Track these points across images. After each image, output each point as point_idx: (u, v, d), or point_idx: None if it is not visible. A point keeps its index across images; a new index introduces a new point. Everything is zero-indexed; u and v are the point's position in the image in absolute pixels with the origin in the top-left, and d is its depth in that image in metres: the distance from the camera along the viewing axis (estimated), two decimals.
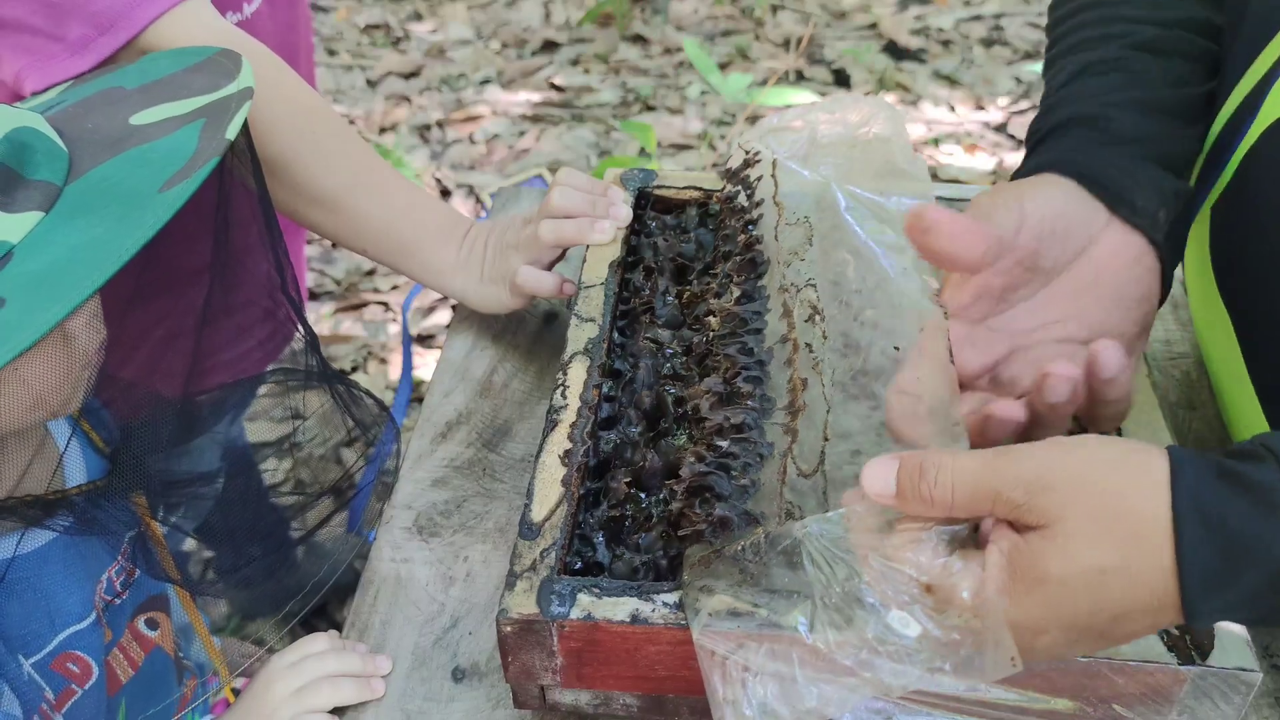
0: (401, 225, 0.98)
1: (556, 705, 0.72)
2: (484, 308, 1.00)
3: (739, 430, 0.73)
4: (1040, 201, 0.68)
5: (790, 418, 0.73)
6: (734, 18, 3.32)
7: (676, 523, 0.70)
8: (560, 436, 0.76)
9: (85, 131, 0.68)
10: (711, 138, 2.75)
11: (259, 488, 0.94)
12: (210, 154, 0.62)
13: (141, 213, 0.60)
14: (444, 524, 0.87)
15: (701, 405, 0.76)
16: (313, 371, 0.87)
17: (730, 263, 0.88)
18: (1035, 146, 0.76)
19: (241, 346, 0.89)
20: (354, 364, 2.21)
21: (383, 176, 0.98)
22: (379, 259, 1.01)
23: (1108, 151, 0.71)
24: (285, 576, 0.86)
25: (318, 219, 0.97)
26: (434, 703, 0.76)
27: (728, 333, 0.81)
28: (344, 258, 2.46)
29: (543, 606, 0.66)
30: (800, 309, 0.79)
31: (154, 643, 0.84)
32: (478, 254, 0.99)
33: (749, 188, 0.92)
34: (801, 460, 0.71)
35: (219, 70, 0.73)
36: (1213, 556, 0.49)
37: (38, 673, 0.75)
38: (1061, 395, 0.62)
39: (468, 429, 0.95)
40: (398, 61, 3.15)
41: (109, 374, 0.77)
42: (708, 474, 0.70)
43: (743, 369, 0.78)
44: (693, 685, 0.68)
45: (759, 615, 0.62)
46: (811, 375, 0.75)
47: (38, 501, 0.73)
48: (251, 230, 0.80)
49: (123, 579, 0.81)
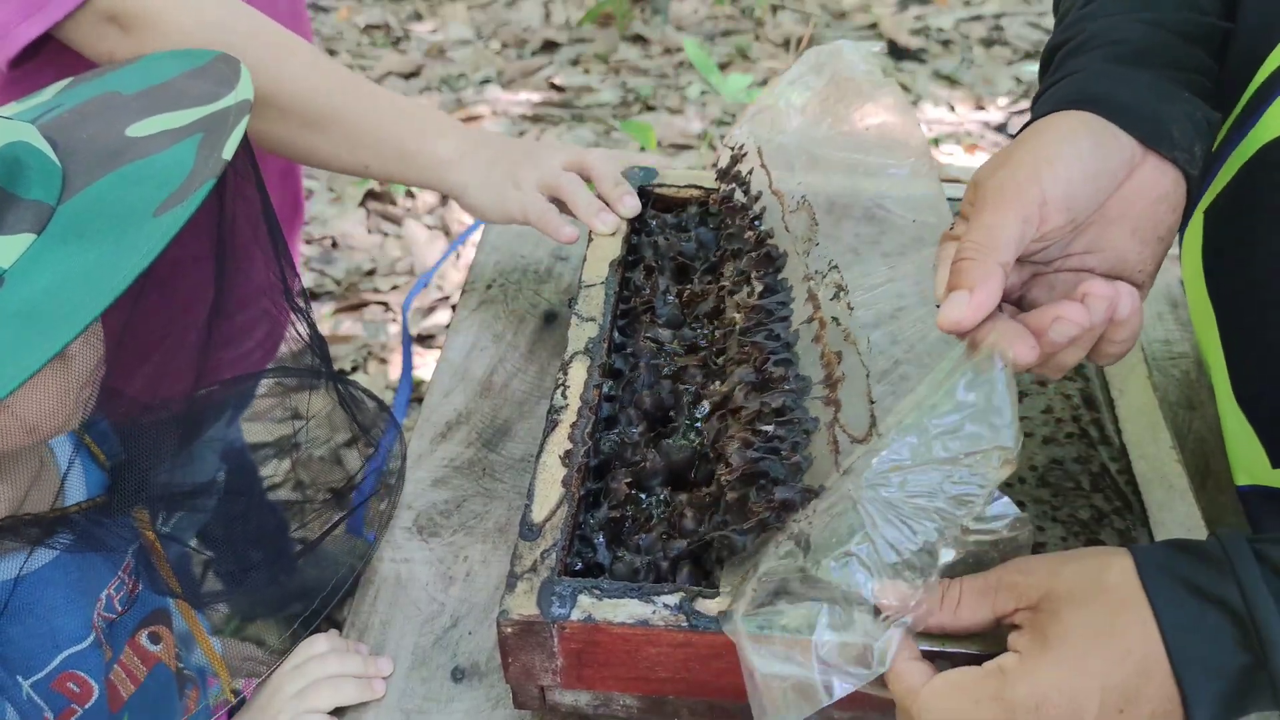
0: (396, 128, 0.97)
1: (556, 706, 0.72)
2: (482, 207, 0.99)
3: (780, 413, 0.72)
4: (1063, 168, 0.64)
5: (830, 389, 0.73)
6: (734, 18, 3.32)
7: (735, 515, 0.69)
8: (561, 437, 0.76)
9: (80, 142, 0.67)
10: (711, 138, 2.74)
11: (261, 496, 0.93)
12: (206, 175, 0.61)
13: (135, 238, 0.59)
14: (444, 524, 0.87)
15: (736, 395, 0.76)
16: (318, 373, 0.87)
17: (744, 260, 0.87)
18: (1057, 68, 0.72)
19: (245, 350, 0.89)
20: (354, 364, 2.21)
21: (365, 86, 0.98)
22: (384, 170, 0.99)
23: (1136, 77, 0.67)
24: (290, 583, 0.86)
25: (313, 143, 0.96)
26: (434, 702, 0.76)
27: (753, 324, 0.81)
28: (344, 258, 2.46)
29: (543, 608, 0.66)
30: (825, 290, 0.79)
31: (157, 658, 0.84)
32: (483, 155, 0.98)
33: (743, 183, 0.92)
34: (852, 427, 0.70)
35: (218, 77, 0.72)
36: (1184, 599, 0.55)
37: (37, 693, 0.75)
38: (1099, 314, 0.62)
39: (468, 429, 0.95)
40: (398, 61, 3.15)
41: (109, 387, 0.76)
42: (759, 459, 0.69)
43: (770, 354, 0.78)
44: (692, 687, 0.68)
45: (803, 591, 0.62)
46: (845, 347, 0.74)
47: (38, 520, 0.73)
48: (253, 242, 0.80)
49: (122, 595, 0.81)
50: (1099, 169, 0.64)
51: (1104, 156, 0.65)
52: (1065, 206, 0.64)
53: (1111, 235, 0.66)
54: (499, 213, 0.98)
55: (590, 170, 0.98)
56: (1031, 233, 0.63)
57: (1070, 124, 0.65)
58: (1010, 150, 0.66)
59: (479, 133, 1.00)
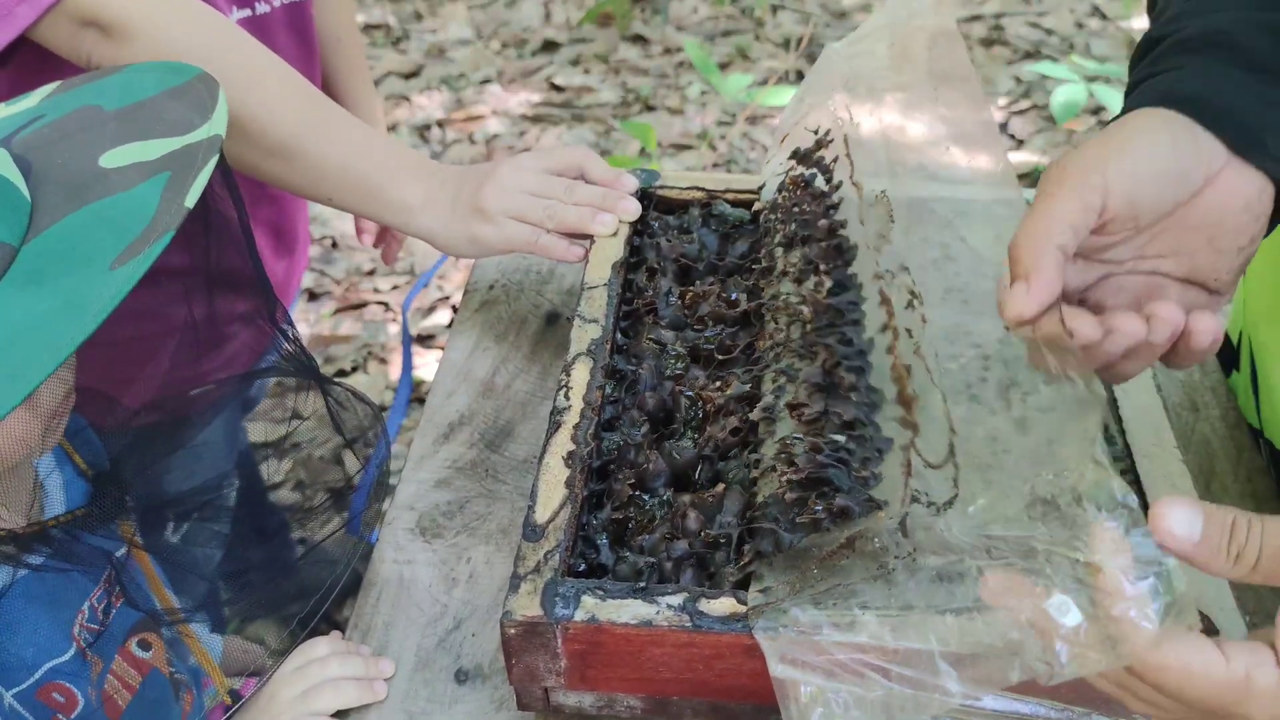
0: (360, 164, 0.95)
1: (560, 707, 0.72)
2: (455, 249, 0.97)
3: (850, 426, 0.70)
4: (1132, 162, 0.61)
5: (905, 410, 0.70)
6: (734, 18, 3.32)
7: (785, 511, 0.67)
8: (564, 438, 0.76)
9: (54, 169, 0.67)
10: (711, 138, 2.74)
11: (251, 503, 0.93)
12: (166, 225, 0.61)
13: (88, 294, 0.59)
14: (447, 525, 0.87)
15: (799, 393, 0.74)
16: (303, 377, 0.86)
17: (813, 248, 0.85)
18: (1154, 62, 0.68)
19: (219, 365, 0.88)
20: (354, 364, 2.21)
21: (335, 117, 0.96)
22: (346, 205, 0.98)
23: (1240, 79, 0.63)
24: (281, 588, 0.86)
25: (278, 171, 0.94)
26: (437, 704, 0.76)
27: (825, 324, 0.78)
28: (344, 257, 2.46)
29: (547, 609, 0.66)
30: (898, 295, 0.76)
31: (149, 664, 0.84)
32: (446, 195, 0.96)
33: (826, 171, 0.90)
34: (928, 453, 0.68)
35: (196, 102, 0.72)
36: None
37: (20, 704, 0.75)
38: (1160, 336, 0.61)
39: (470, 430, 0.95)
40: (398, 61, 3.15)
41: (88, 397, 0.77)
42: (826, 466, 0.68)
43: (842, 359, 0.75)
44: (697, 687, 0.68)
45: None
46: (915, 361, 0.72)
47: (12, 537, 0.73)
48: (226, 269, 0.79)
49: (104, 605, 0.81)
50: (1172, 170, 0.61)
51: (1180, 158, 0.61)
52: (1129, 201, 0.61)
53: (1188, 241, 0.63)
54: (474, 250, 0.97)
55: (586, 172, 0.97)
56: (1092, 220, 0.60)
57: (1151, 121, 0.62)
58: (1083, 141, 0.63)
59: (445, 173, 0.98)
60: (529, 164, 0.97)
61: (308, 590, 0.82)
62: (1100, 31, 3.18)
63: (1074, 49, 3.09)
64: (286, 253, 1.22)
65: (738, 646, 0.65)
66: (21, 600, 0.75)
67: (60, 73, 0.84)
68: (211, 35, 0.90)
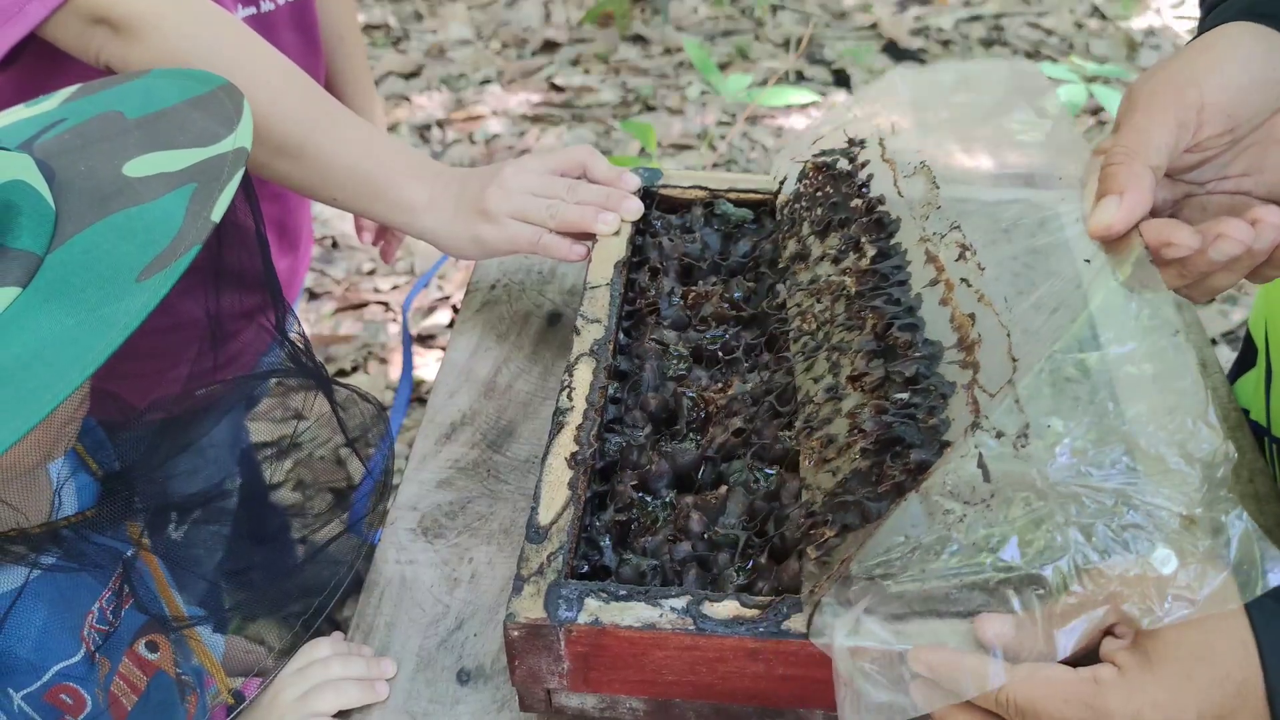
0: (366, 164, 0.95)
1: (563, 709, 0.72)
2: (459, 251, 0.97)
3: (913, 381, 0.69)
4: (1228, 72, 0.60)
5: (965, 353, 0.68)
6: (734, 18, 3.32)
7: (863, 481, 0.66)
8: (567, 439, 0.76)
9: (78, 176, 0.66)
10: (711, 138, 2.74)
11: (256, 504, 0.93)
12: (193, 239, 0.61)
13: (115, 308, 0.58)
14: (448, 525, 0.87)
15: (857, 363, 0.73)
16: (311, 380, 0.86)
17: (852, 227, 0.84)
18: None
19: (232, 370, 0.88)
20: (354, 364, 2.21)
21: (341, 117, 0.96)
22: (350, 205, 0.98)
23: None
24: (289, 587, 0.86)
25: (285, 169, 0.95)
26: (439, 705, 0.75)
27: (869, 288, 0.77)
28: (344, 257, 2.46)
29: (550, 611, 0.66)
30: (947, 251, 0.75)
31: (156, 666, 0.84)
32: (450, 196, 0.96)
33: (849, 154, 0.89)
34: (991, 387, 0.66)
35: (220, 113, 0.71)
36: None
37: (29, 705, 0.75)
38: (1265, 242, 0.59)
39: (472, 430, 0.94)
40: (398, 61, 3.14)
41: (101, 400, 0.76)
42: (894, 423, 0.66)
43: (892, 320, 0.74)
44: (699, 690, 0.68)
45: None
46: (980, 309, 0.70)
47: (24, 537, 0.73)
48: (247, 272, 0.79)
49: (113, 607, 0.80)
50: (1269, 78, 0.60)
51: (1274, 66, 0.61)
52: (1227, 114, 0.60)
53: (1273, 156, 0.62)
54: (477, 251, 0.96)
55: (588, 171, 0.97)
56: (1186, 138, 0.59)
57: (1239, 33, 0.62)
58: (1169, 58, 0.62)
59: (449, 173, 0.98)
60: (532, 165, 0.97)
61: (310, 590, 0.82)
62: (1100, 32, 3.19)
63: (1073, 49, 3.09)
64: (290, 250, 1.22)
65: (741, 649, 0.64)
66: (31, 602, 0.75)
67: (69, 71, 0.84)
68: (220, 33, 0.90)
